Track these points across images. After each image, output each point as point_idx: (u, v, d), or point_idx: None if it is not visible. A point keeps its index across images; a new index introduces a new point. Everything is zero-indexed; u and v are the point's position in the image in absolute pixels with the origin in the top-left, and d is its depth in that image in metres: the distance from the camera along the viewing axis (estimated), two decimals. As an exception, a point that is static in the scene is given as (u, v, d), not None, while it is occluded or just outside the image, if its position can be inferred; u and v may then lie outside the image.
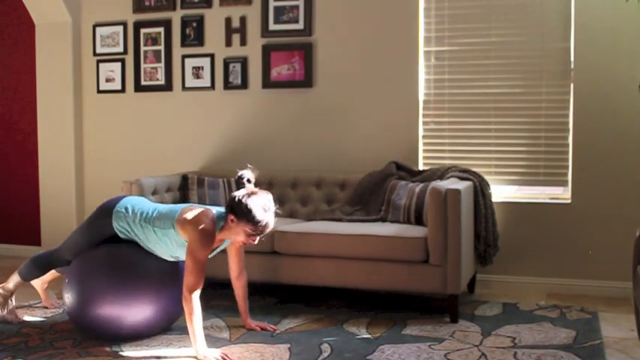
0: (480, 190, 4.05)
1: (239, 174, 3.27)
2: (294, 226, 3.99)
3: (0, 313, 3.67)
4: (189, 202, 4.54)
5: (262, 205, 3.14)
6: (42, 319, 3.73)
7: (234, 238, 3.26)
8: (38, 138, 5.39)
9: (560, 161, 4.34)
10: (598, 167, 4.21)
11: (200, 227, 3.13)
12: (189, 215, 3.20)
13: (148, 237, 3.29)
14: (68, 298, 3.32)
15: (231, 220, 3.18)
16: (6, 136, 5.67)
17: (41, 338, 3.37)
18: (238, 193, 3.17)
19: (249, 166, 3.30)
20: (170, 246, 3.27)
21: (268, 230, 3.19)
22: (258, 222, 3.13)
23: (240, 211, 3.14)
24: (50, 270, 3.72)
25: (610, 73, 4.16)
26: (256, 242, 3.24)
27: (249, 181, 3.25)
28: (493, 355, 3.10)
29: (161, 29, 5.10)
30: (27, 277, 3.68)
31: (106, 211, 3.39)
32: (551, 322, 3.62)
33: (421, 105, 4.58)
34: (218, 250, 3.39)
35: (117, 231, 3.35)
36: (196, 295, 3.10)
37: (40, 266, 3.64)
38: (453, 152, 4.54)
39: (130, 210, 3.35)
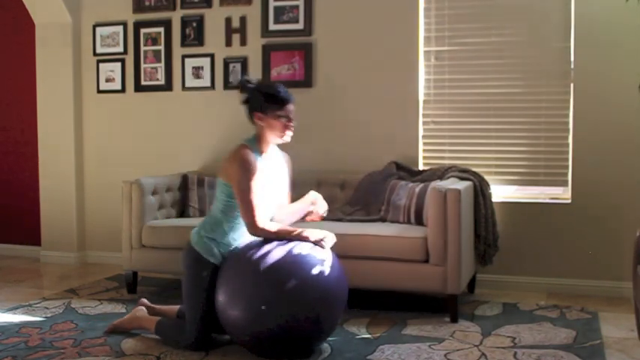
0: (480, 190, 4.05)
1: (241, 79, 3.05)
2: (294, 226, 3.98)
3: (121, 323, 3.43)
4: (189, 202, 4.55)
5: (274, 83, 2.90)
6: (42, 319, 3.73)
7: (273, 138, 2.98)
8: (38, 138, 5.38)
9: (560, 161, 4.34)
10: (598, 167, 4.21)
11: (233, 158, 2.87)
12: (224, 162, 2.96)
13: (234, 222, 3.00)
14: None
15: (259, 119, 2.94)
16: (6, 136, 5.67)
17: (41, 338, 3.37)
18: (248, 91, 2.96)
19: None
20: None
21: (293, 104, 2.90)
22: (282, 95, 2.89)
23: (260, 100, 2.91)
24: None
25: (610, 73, 4.16)
26: (293, 125, 2.94)
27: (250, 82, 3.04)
28: (493, 355, 3.10)
29: (161, 29, 5.10)
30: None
31: (187, 253, 3.09)
32: (551, 322, 3.62)
33: (421, 105, 4.58)
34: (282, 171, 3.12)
35: (211, 256, 3.04)
36: (264, 224, 2.87)
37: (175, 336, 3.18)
38: (453, 152, 4.54)
39: (201, 227, 3.12)
